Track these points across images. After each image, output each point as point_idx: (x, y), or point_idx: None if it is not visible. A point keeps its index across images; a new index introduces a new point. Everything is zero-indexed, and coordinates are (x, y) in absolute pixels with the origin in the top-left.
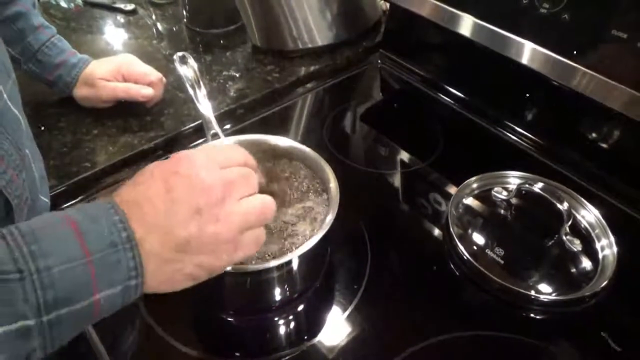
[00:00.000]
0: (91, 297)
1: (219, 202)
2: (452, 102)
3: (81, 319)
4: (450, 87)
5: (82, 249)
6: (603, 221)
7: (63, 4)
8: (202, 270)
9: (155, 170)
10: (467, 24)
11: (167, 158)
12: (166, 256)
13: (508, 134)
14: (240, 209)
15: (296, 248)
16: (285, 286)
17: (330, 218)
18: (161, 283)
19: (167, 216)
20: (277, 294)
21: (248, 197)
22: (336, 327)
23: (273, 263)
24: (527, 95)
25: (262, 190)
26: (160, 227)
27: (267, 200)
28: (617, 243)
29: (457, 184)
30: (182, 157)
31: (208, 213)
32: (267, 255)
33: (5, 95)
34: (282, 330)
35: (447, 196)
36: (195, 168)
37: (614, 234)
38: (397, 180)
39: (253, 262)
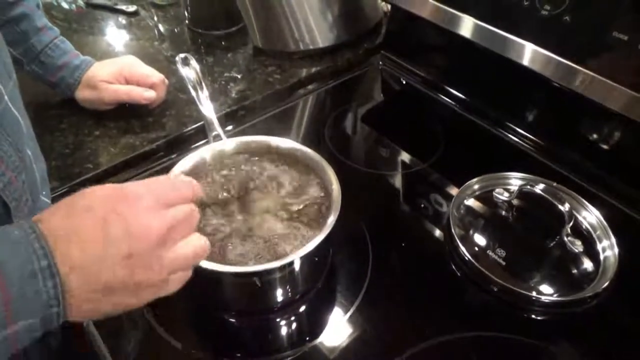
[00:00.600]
0: (5, 330)
1: (153, 249)
2: (453, 103)
3: None
4: (451, 88)
5: None
6: (604, 222)
7: (65, 5)
8: (119, 308)
9: (94, 203)
10: (468, 26)
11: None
12: (84, 296)
13: (509, 134)
14: (173, 254)
15: (298, 249)
16: (287, 287)
17: (331, 220)
18: (77, 316)
19: (95, 259)
20: (279, 295)
21: (184, 239)
22: (338, 328)
23: (275, 264)
24: (528, 96)
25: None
26: (84, 269)
27: (201, 244)
28: (619, 244)
29: (458, 185)
30: (128, 195)
31: (139, 260)
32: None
33: (6, 97)
34: (283, 331)
35: (448, 197)
36: (137, 210)
37: (615, 235)
38: (398, 181)
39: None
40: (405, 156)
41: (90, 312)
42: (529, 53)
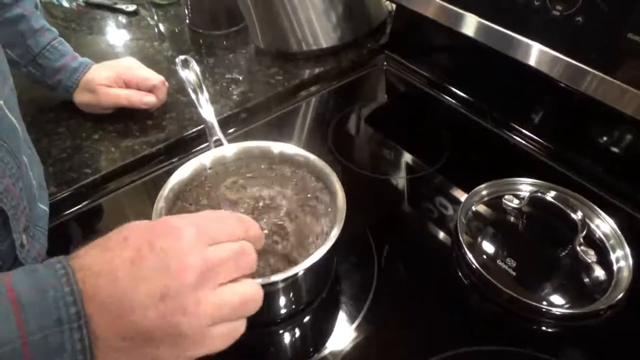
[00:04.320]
0: None
1: (191, 288)
2: (459, 104)
3: None
4: (457, 89)
5: (19, 328)
6: (618, 231)
7: (65, 4)
8: None
9: (131, 234)
10: (474, 25)
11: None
12: (113, 344)
13: (518, 138)
14: (216, 299)
15: (301, 261)
16: (291, 299)
17: (335, 232)
18: None
19: (124, 296)
20: (283, 307)
21: (233, 282)
22: (344, 339)
23: (278, 277)
24: (537, 98)
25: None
26: (113, 308)
27: (253, 290)
28: (633, 254)
29: (465, 190)
30: (166, 228)
31: (175, 301)
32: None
33: (1, 102)
34: (288, 343)
35: (455, 203)
36: (175, 244)
37: (629, 244)
38: (404, 186)
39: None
40: (410, 160)
41: None
42: (537, 54)
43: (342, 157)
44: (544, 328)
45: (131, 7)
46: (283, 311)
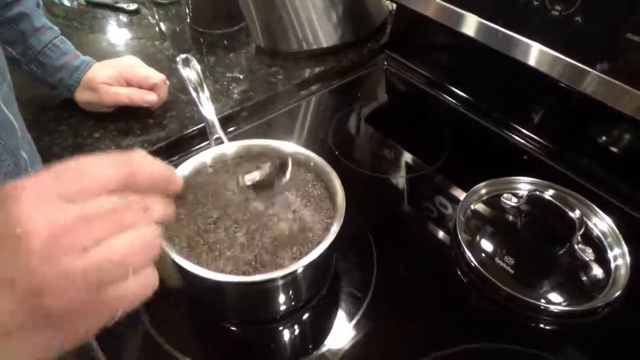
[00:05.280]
0: None
1: (43, 260)
2: (458, 104)
3: None
4: (457, 89)
5: None
6: (616, 230)
7: (66, 3)
8: (47, 351)
9: None
10: (474, 25)
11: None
12: None
13: (517, 137)
14: (92, 260)
15: (301, 257)
16: (290, 295)
17: (335, 229)
18: None
19: None
20: (282, 304)
21: (113, 237)
22: (343, 337)
23: (277, 274)
24: (536, 97)
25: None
26: None
27: (145, 236)
28: (630, 252)
29: (464, 189)
30: (5, 195)
31: (27, 282)
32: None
33: None
34: (287, 340)
35: (454, 201)
36: (14, 211)
37: (627, 243)
38: (403, 185)
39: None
40: (410, 159)
41: None
42: (537, 53)
43: (342, 156)
44: (542, 325)
45: (132, 6)
46: (282, 308)
